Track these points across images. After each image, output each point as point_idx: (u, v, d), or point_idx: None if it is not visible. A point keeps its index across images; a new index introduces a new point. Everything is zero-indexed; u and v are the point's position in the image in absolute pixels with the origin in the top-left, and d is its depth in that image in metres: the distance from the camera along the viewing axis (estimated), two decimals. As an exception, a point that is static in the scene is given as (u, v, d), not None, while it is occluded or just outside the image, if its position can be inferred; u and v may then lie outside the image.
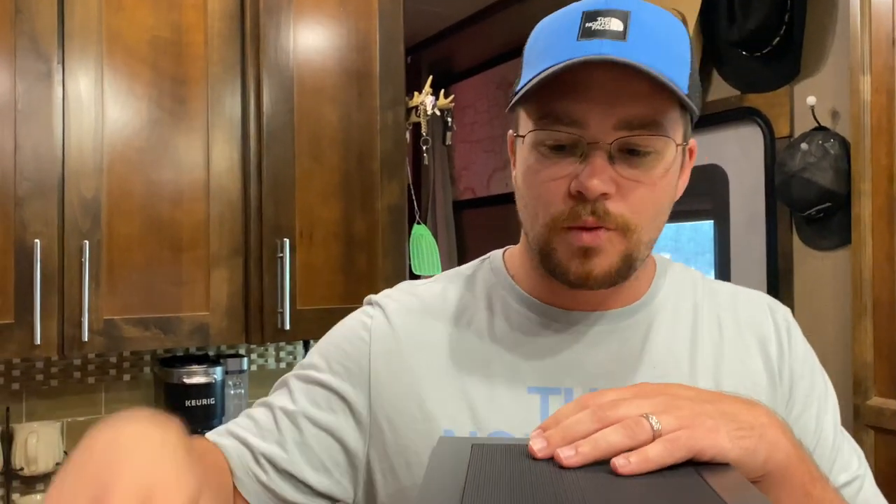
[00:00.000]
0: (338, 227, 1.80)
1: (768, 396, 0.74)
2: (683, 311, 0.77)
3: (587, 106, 0.64)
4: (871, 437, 1.74)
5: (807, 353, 0.78)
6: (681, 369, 0.73)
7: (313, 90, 1.80)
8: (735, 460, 0.51)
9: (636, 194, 0.66)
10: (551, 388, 0.72)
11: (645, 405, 0.52)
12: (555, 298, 0.75)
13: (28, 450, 1.68)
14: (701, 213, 2.29)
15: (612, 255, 0.67)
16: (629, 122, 0.64)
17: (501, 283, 0.78)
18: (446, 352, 0.75)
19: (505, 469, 0.52)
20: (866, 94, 1.73)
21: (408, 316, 0.78)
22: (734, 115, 2.09)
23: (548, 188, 0.67)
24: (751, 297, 0.81)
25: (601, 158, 0.64)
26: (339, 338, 0.81)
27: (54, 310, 1.53)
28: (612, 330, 0.74)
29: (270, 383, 2.09)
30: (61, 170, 1.56)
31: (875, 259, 1.74)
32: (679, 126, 0.68)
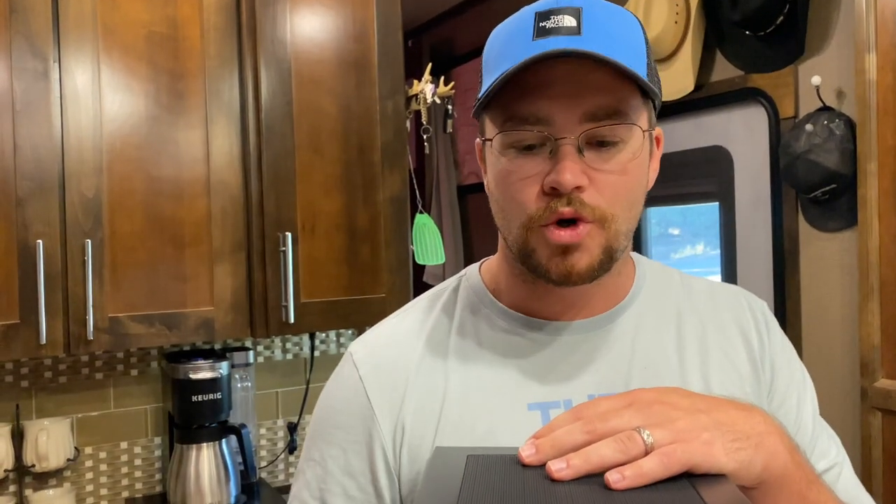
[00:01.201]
0: (340, 219, 1.80)
1: (753, 389, 0.75)
2: (666, 309, 0.78)
3: (550, 102, 0.65)
4: (878, 419, 1.73)
5: (785, 345, 0.80)
6: (671, 367, 0.74)
7: (311, 81, 1.78)
8: (731, 473, 0.51)
9: (609, 184, 0.66)
10: (550, 402, 0.71)
11: (637, 418, 0.52)
12: (539, 308, 0.75)
13: (39, 446, 1.69)
14: (706, 195, 2.28)
15: (592, 249, 0.67)
16: (594, 114, 0.65)
17: (482, 300, 0.78)
18: (440, 381, 0.74)
19: (499, 480, 0.52)
20: (872, 72, 1.70)
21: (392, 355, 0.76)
22: (738, 96, 2.07)
23: (521, 189, 0.67)
24: (728, 292, 0.82)
25: (571, 152, 0.65)
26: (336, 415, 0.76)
27: (59, 309, 1.54)
28: (600, 335, 0.74)
29: (277, 375, 2.12)
30: (61, 169, 1.56)
31: (882, 240, 1.72)
32: (643, 112, 0.68)
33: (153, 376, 1.90)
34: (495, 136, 0.68)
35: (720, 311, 0.79)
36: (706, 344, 0.76)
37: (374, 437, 0.73)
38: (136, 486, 1.88)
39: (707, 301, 0.79)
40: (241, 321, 1.72)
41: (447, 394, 0.73)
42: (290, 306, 1.70)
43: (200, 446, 1.73)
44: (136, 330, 1.62)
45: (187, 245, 1.68)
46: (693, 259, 2.55)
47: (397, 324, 0.80)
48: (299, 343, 2.09)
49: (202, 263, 1.69)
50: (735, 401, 0.58)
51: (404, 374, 0.74)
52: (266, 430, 2.05)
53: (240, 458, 1.79)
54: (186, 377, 1.72)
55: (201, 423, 1.74)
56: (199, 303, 1.68)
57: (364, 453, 0.73)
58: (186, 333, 1.67)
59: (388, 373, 0.75)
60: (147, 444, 1.90)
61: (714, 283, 0.84)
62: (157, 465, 1.90)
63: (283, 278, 1.71)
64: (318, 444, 0.76)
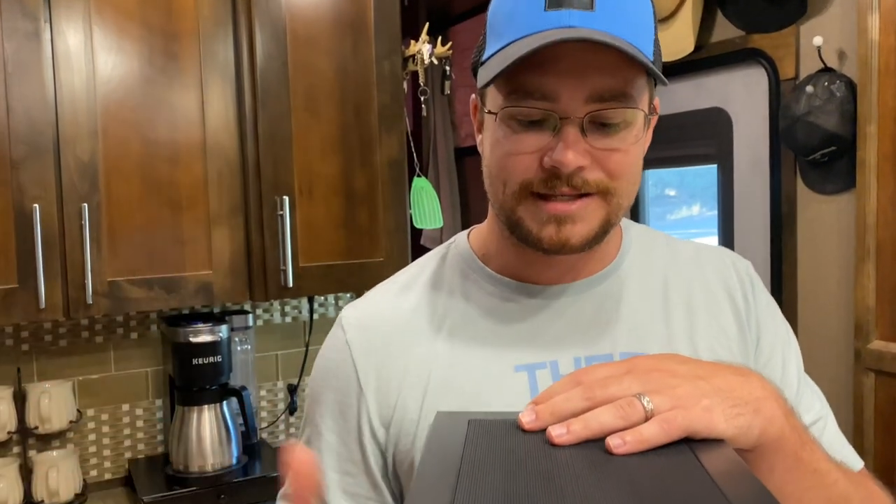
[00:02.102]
0: (337, 182, 1.79)
1: (739, 348, 0.76)
2: (652, 272, 0.79)
3: (558, 79, 0.64)
4: (871, 380, 1.76)
5: (770, 303, 0.81)
6: (657, 330, 0.75)
7: (307, 42, 1.76)
8: (730, 438, 0.51)
9: (612, 161, 0.66)
10: (537, 363, 0.72)
11: (636, 385, 0.52)
12: (527, 273, 0.75)
13: (41, 409, 1.71)
14: (705, 157, 2.27)
15: (591, 222, 0.68)
16: (600, 95, 0.64)
17: (471, 266, 0.78)
18: (427, 344, 0.75)
19: (500, 444, 0.52)
20: (874, 33, 1.68)
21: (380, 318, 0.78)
22: (738, 57, 2.05)
23: (519, 160, 0.67)
24: (713, 253, 0.83)
25: (574, 132, 0.64)
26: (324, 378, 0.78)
27: (57, 273, 1.54)
28: (587, 298, 0.75)
29: (277, 337, 2.13)
30: (55, 132, 1.54)
31: (879, 203, 1.72)
32: (645, 93, 0.68)
33: (153, 339, 1.91)
34: (499, 108, 0.67)
35: (705, 271, 0.80)
36: (692, 305, 0.77)
37: (358, 398, 0.75)
38: (139, 448, 1.90)
39: (692, 262, 0.80)
40: (239, 285, 1.72)
41: (434, 357, 0.74)
42: (288, 270, 1.71)
43: (202, 408, 1.75)
44: (136, 294, 1.62)
45: (184, 209, 1.67)
46: (689, 220, 2.55)
47: (387, 289, 0.82)
48: (298, 306, 2.10)
49: (200, 227, 1.68)
50: (732, 366, 0.58)
51: (390, 337, 0.76)
52: (266, 392, 2.07)
53: (241, 419, 1.82)
54: (187, 340, 1.73)
55: (202, 385, 1.75)
56: (197, 266, 1.68)
57: (350, 414, 0.75)
58: (185, 297, 1.67)
59: (374, 336, 0.76)
60: (148, 406, 1.91)
61: (699, 245, 0.84)
62: (158, 426, 1.93)
63: (281, 242, 1.71)
64: (311, 405, 0.79)
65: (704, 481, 0.44)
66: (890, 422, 1.72)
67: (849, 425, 1.79)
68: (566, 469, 0.47)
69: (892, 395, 1.72)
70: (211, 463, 1.74)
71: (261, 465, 1.82)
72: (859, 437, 1.77)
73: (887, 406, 1.73)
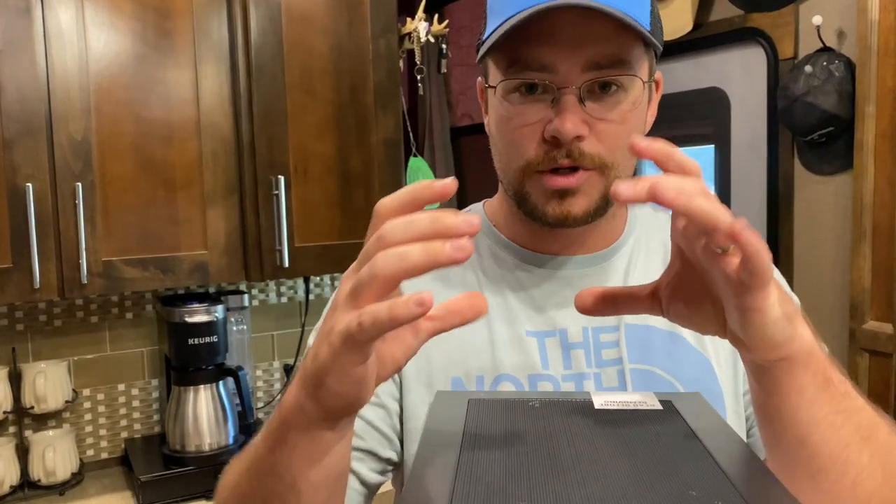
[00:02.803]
0: (333, 162, 1.78)
1: None
2: (655, 248, 0.81)
3: (555, 50, 0.65)
4: (865, 360, 1.77)
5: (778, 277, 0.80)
6: None
7: (302, 19, 1.74)
8: (770, 327, 0.49)
9: (609, 132, 0.68)
10: (547, 330, 0.75)
11: None
12: (537, 243, 0.78)
13: (37, 388, 1.71)
14: (702, 137, 2.26)
15: (591, 195, 0.70)
16: (597, 63, 0.66)
17: (486, 231, 0.81)
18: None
19: (500, 424, 0.52)
20: (874, 12, 1.67)
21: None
22: (737, 36, 2.03)
23: (521, 134, 0.69)
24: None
25: (572, 102, 0.66)
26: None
27: (52, 253, 1.53)
28: (595, 270, 0.78)
29: (272, 318, 2.13)
30: (48, 110, 1.52)
31: (876, 184, 1.72)
32: (644, 62, 0.69)
33: (148, 319, 1.91)
34: (499, 82, 0.70)
35: None
36: None
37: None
38: (135, 427, 1.91)
39: None
40: (235, 265, 1.72)
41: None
42: (284, 250, 1.70)
43: (198, 388, 1.75)
44: (131, 274, 1.61)
45: (179, 188, 1.66)
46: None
47: None
48: (294, 286, 2.09)
49: (195, 207, 1.67)
50: None
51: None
52: (262, 372, 2.07)
53: (237, 399, 1.82)
54: (182, 321, 1.73)
55: (198, 365, 1.75)
56: (192, 246, 1.68)
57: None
58: (181, 277, 1.66)
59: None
60: (144, 385, 1.91)
61: None
62: (154, 406, 1.93)
63: (276, 222, 1.70)
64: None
65: (707, 463, 0.44)
66: (884, 401, 1.73)
67: (842, 405, 1.80)
68: (568, 448, 0.47)
69: (886, 374, 1.73)
70: (208, 442, 1.74)
71: (257, 444, 1.82)
72: (853, 416, 1.79)
73: (881, 386, 1.74)
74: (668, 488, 0.41)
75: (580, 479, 0.42)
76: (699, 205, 0.45)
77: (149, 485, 1.63)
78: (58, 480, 1.71)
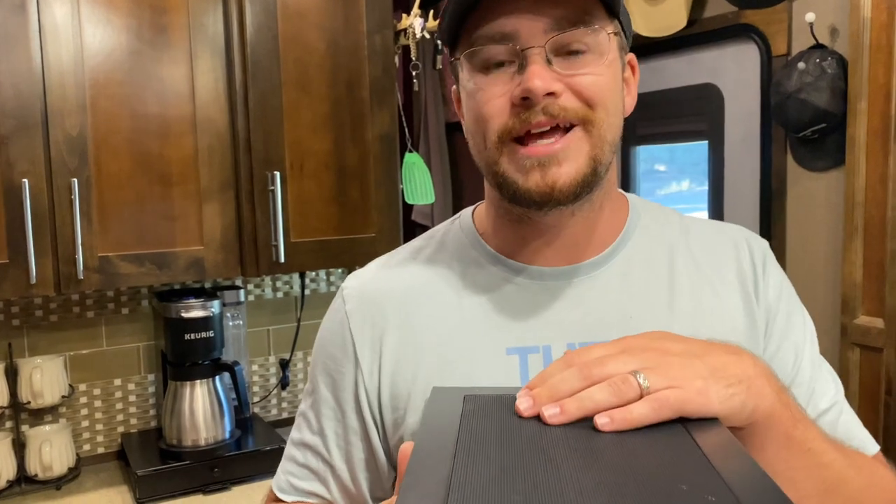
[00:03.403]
0: (329, 158, 1.78)
1: (746, 334, 0.74)
2: (660, 252, 0.76)
3: (514, 18, 0.64)
4: (856, 355, 1.79)
5: (783, 285, 0.78)
6: (657, 316, 0.73)
7: (297, 14, 1.74)
8: (723, 417, 0.51)
9: (585, 85, 0.65)
10: (529, 346, 0.72)
11: (632, 362, 0.52)
12: (525, 252, 0.75)
13: (33, 384, 1.71)
14: (696, 133, 2.27)
15: (577, 160, 0.66)
16: (558, 23, 0.64)
17: (472, 242, 0.78)
18: (423, 319, 0.75)
19: (496, 420, 0.53)
20: (866, 10, 1.68)
21: (379, 291, 0.78)
22: (730, 33, 2.04)
23: (491, 106, 0.66)
24: (729, 232, 0.80)
25: (538, 60, 0.64)
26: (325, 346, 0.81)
27: (48, 249, 1.53)
28: (586, 282, 0.74)
29: (268, 313, 2.13)
30: (43, 106, 1.52)
31: (868, 180, 1.74)
32: (608, 24, 0.67)
33: (144, 314, 1.91)
34: (463, 54, 0.68)
35: (718, 253, 0.77)
36: (699, 287, 0.75)
37: (354, 368, 0.76)
38: (131, 422, 1.91)
39: (706, 243, 0.78)
40: (231, 260, 1.72)
41: (429, 333, 0.74)
42: (280, 246, 1.71)
43: (194, 383, 1.76)
44: (127, 269, 1.61)
45: (175, 184, 1.66)
46: (679, 195, 2.56)
47: (388, 261, 0.82)
48: (289, 281, 2.10)
49: (190, 202, 1.68)
50: (725, 344, 0.58)
51: (387, 308, 0.76)
52: (258, 367, 2.07)
53: (233, 394, 1.83)
54: (179, 316, 1.73)
55: (194, 360, 1.76)
56: (188, 242, 1.68)
57: (346, 383, 0.77)
58: (177, 272, 1.67)
59: (372, 306, 0.77)
60: (140, 380, 1.92)
61: (715, 223, 0.82)
62: (151, 401, 1.93)
63: (272, 217, 1.71)
64: (314, 371, 0.82)
65: (698, 458, 0.45)
66: (874, 396, 1.75)
67: (833, 399, 1.82)
68: (561, 443, 0.48)
69: (877, 369, 1.74)
70: (204, 437, 1.75)
71: (254, 439, 1.83)
72: (844, 410, 1.80)
73: (872, 380, 1.76)
74: (660, 482, 0.42)
75: (573, 473, 0.43)
76: (629, 419, 0.49)
77: (145, 479, 1.64)
78: (54, 475, 1.71)
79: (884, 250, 1.71)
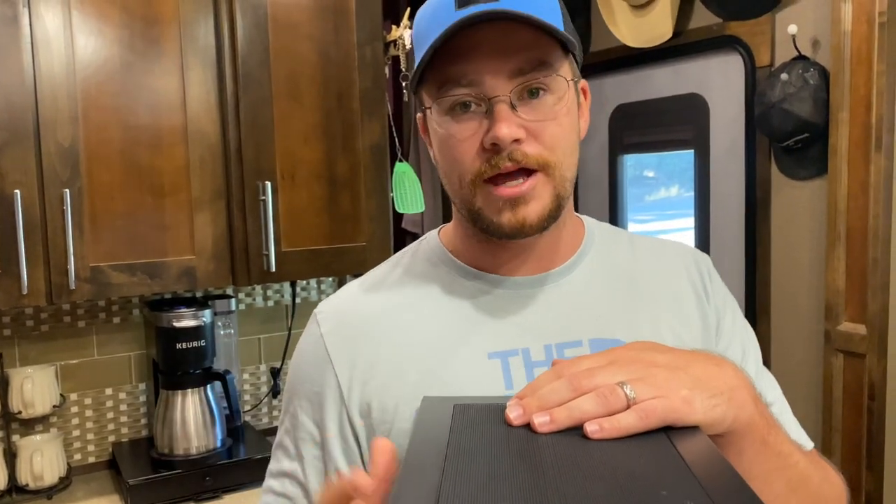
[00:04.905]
0: (319, 167, 1.80)
1: (702, 334, 0.81)
2: (615, 265, 0.83)
3: (479, 64, 0.69)
4: (839, 360, 1.81)
5: (726, 294, 0.87)
6: (623, 317, 0.79)
7: (288, 26, 1.76)
8: (705, 426, 0.54)
9: (546, 132, 0.71)
10: (509, 350, 0.75)
11: (620, 373, 0.54)
12: (493, 265, 0.79)
13: (24, 393, 1.72)
14: (682, 142, 2.30)
15: (543, 199, 0.72)
16: (520, 69, 0.69)
17: (442, 259, 0.82)
18: (402, 332, 0.77)
19: (485, 429, 0.55)
20: (847, 23, 1.72)
21: (354, 311, 0.81)
22: (715, 44, 2.08)
23: (463, 149, 0.71)
24: (675, 248, 0.88)
25: (504, 109, 0.69)
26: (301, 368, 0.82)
27: (40, 259, 1.54)
28: (553, 288, 0.79)
29: (259, 321, 2.14)
30: (35, 117, 1.53)
31: (850, 189, 1.77)
32: (564, 63, 0.72)
33: (135, 324, 1.92)
34: (432, 103, 0.72)
35: (668, 263, 0.85)
36: (656, 294, 0.81)
37: (335, 390, 0.77)
38: (123, 431, 1.92)
39: (655, 256, 0.85)
40: (222, 270, 1.73)
41: (408, 347, 0.76)
42: (271, 255, 1.72)
43: (186, 392, 1.77)
44: (118, 279, 1.62)
45: (167, 194, 1.67)
46: (667, 201, 2.59)
47: (360, 283, 0.85)
48: (280, 290, 2.11)
49: (182, 212, 1.69)
50: (709, 354, 0.60)
51: (363, 329, 0.78)
52: (249, 376, 2.08)
53: (224, 403, 1.83)
54: (170, 325, 1.74)
55: (186, 369, 1.76)
56: (180, 251, 1.69)
57: (328, 405, 0.77)
58: (168, 282, 1.68)
59: (348, 329, 0.79)
60: (132, 390, 1.92)
61: (661, 240, 0.90)
62: (142, 410, 1.94)
63: (263, 227, 1.72)
64: (290, 396, 0.82)
65: (678, 465, 0.47)
66: (857, 400, 1.78)
67: (818, 404, 1.85)
68: (548, 451, 0.50)
69: (860, 374, 1.77)
70: (196, 446, 1.76)
71: (245, 447, 1.84)
72: (828, 414, 1.83)
73: (854, 385, 1.79)
74: (641, 488, 0.44)
75: (558, 480, 0.45)
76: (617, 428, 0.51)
77: (137, 488, 1.65)
78: (45, 485, 1.71)
79: (866, 257, 1.74)
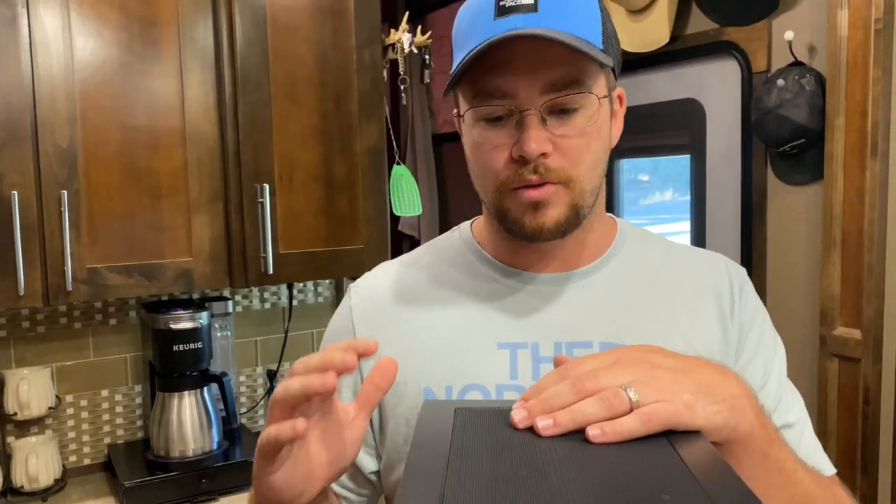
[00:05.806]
0: (317, 170, 1.80)
1: (720, 348, 0.80)
2: (644, 270, 0.83)
3: (513, 78, 0.70)
4: (835, 365, 1.82)
5: (757, 309, 0.85)
6: (638, 323, 0.79)
7: (287, 29, 1.76)
8: (705, 432, 0.54)
9: (571, 148, 0.72)
10: (519, 343, 0.78)
11: (624, 376, 0.54)
12: (518, 259, 0.82)
13: (20, 395, 1.71)
14: (678, 147, 2.31)
15: (559, 207, 0.74)
16: (553, 85, 0.70)
17: (470, 249, 0.85)
18: (421, 314, 0.81)
19: (486, 432, 0.55)
20: (843, 29, 1.73)
21: (382, 288, 0.86)
22: (712, 49, 2.08)
23: (493, 157, 0.74)
24: (709, 258, 0.87)
25: (534, 123, 0.71)
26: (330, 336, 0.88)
27: (37, 260, 1.54)
28: (574, 288, 0.81)
29: (256, 323, 2.14)
30: (33, 118, 1.53)
31: (846, 194, 1.78)
32: (600, 79, 0.74)
33: (132, 325, 1.92)
34: (466, 111, 0.75)
35: (697, 275, 0.84)
36: (676, 304, 0.81)
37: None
38: (118, 433, 1.91)
39: (686, 265, 0.85)
40: (219, 272, 1.73)
41: (425, 327, 0.80)
42: (268, 257, 1.72)
43: (182, 394, 1.76)
44: (115, 281, 1.62)
45: (164, 196, 1.67)
46: (662, 205, 2.59)
47: (392, 264, 0.90)
48: (277, 292, 2.11)
49: (180, 214, 1.69)
50: (712, 363, 0.61)
51: (387, 306, 0.83)
52: (245, 378, 2.08)
53: (221, 405, 1.83)
54: (167, 327, 1.74)
55: (182, 371, 1.76)
56: (177, 253, 1.69)
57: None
58: (165, 284, 1.68)
59: (374, 304, 0.84)
60: (128, 391, 1.92)
61: (697, 250, 0.90)
62: (138, 412, 1.93)
63: (261, 229, 1.72)
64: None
65: (680, 469, 0.48)
66: (852, 405, 1.79)
67: (813, 409, 1.85)
68: (550, 455, 0.50)
69: (855, 379, 1.78)
70: (192, 448, 1.75)
71: (241, 449, 1.84)
72: (823, 420, 1.84)
73: (850, 390, 1.79)
74: (644, 492, 0.45)
75: (561, 483, 0.46)
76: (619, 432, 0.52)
77: (132, 490, 1.64)
78: (40, 486, 1.71)
79: (861, 263, 1.75)
